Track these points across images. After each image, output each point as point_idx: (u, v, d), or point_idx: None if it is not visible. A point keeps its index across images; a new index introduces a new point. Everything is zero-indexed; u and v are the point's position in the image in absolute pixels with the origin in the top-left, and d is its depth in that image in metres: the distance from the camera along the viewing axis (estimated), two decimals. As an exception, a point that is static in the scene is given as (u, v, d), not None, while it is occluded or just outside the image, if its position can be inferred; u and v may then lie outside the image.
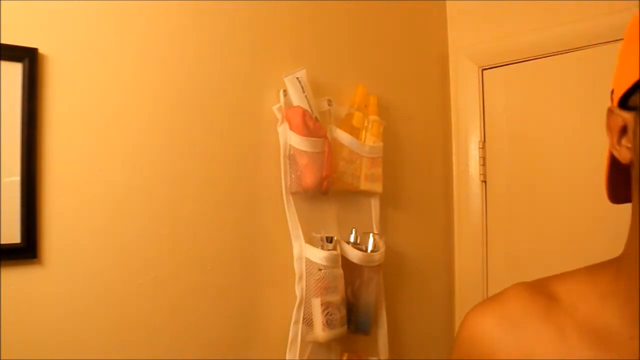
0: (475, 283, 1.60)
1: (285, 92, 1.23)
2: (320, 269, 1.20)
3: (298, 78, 1.22)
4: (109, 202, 1.03)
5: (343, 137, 1.32)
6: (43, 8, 0.96)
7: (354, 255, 1.28)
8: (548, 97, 1.47)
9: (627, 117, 0.52)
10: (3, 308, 0.90)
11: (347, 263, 1.27)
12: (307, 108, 1.22)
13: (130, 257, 1.05)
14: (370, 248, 1.31)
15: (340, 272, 1.23)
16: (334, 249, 1.24)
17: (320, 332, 1.18)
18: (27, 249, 0.93)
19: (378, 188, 1.38)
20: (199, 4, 1.16)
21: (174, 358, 1.08)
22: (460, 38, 1.67)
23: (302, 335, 1.21)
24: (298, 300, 1.21)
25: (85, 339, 0.99)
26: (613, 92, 0.55)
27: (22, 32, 0.94)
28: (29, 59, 0.93)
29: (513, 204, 1.55)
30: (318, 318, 1.18)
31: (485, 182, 1.61)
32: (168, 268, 1.09)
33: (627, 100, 0.52)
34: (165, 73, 1.11)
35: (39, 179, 0.95)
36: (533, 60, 1.49)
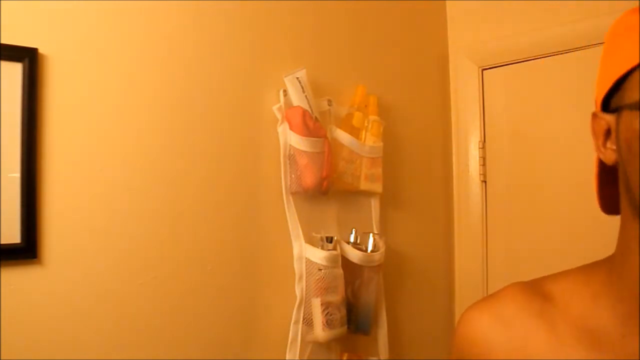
0: (475, 283, 1.60)
1: (285, 92, 1.23)
2: (320, 269, 1.20)
3: (298, 78, 1.22)
4: (109, 202, 1.03)
5: (343, 137, 1.32)
6: (43, 8, 0.96)
7: (354, 255, 1.28)
8: (548, 97, 1.47)
9: (609, 119, 0.53)
10: (3, 308, 0.90)
11: (347, 263, 1.27)
12: (307, 108, 1.22)
13: (130, 257, 1.05)
14: (370, 248, 1.31)
15: (340, 272, 1.23)
16: (334, 249, 1.24)
17: (320, 332, 1.18)
18: (27, 249, 0.93)
19: (378, 188, 1.38)
20: (199, 4, 1.16)
21: (174, 358, 1.08)
22: (460, 38, 1.67)
23: (302, 335, 1.21)
24: (298, 300, 1.21)
25: (85, 339, 0.99)
26: (596, 97, 0.55)
27: (22, 32, 0.94)
28: (29, 59, 0.93)
29: (513, 204, 1.55)
30: (318, 318, 1.18)
31: (485, 182, 1.61)
32: (168, 268, 1.09)
33: (609, 103, 0.53)
34: (165, 73, 1.11)
35: (39, 179, 0.95)
36: (533, 60, 1.49)
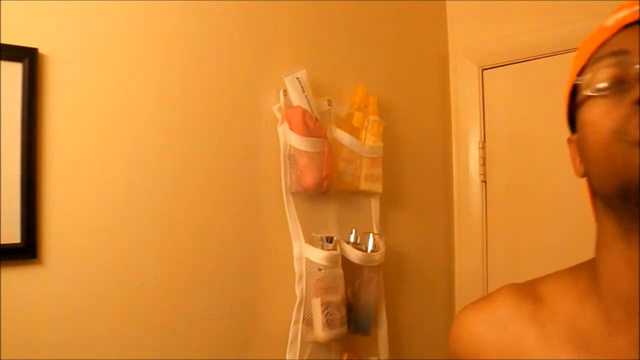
0: (475, 283, 1.60)
1: (285, 92, 1.23)
2: (320, 269, 1.20)
3: (298, 78, 1.22)
4: (109, 202, 1.03)
5: (343, 137, 1.32)
6: (43, 8, 0.96)
7: (354, 255, 1.28)
8: (548, 97, 1.47)
9: (574, 137, 0.56)
10: (3, 308, 0.90)
11: (347, 263, 1.27)
12: (307, 108, 1.22)
13: (130, 257, 1.05)
14: (370, 248, 1.31)
15: (340, 272, 1.23)
16: (334, 249, 1.24)
17: (320, 332, 1.18)
18: (27, 249, 0.93)
19: (378, 188, 1.38)
20: (199, 4, 1.16)
21: (174, 358, 1.08)
22: (460, 38, 1.67)
23: (302, 335, 1.21)
24: (298, 300, 1.21)
25: (85, 339, 0.99)
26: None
27: (22, 32, 0.94)
28: (29, 59, 0.93)
29: (513, 204, 1.55)
30: (318, 318, 1.18)
31: (485, 182, 1.61)
32: (168, 268, 1.09)
33: (573, 125, 0.57)
34: (165, 73, 1.11)
35: (39, 179, 0.95)
36: (533, 60, 1.49)
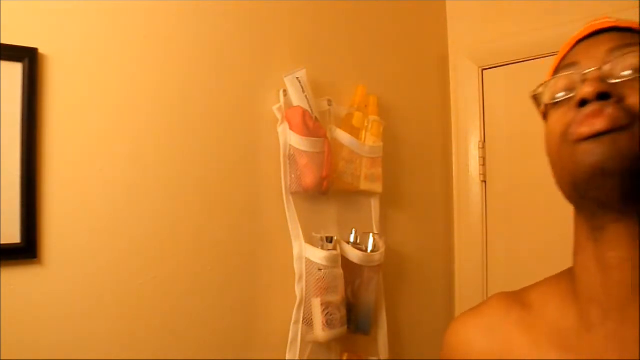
0: (475, 283, 1.60)
1: (285, 92, 1.23)
2: (320, 269, 1.20)
3: (298, 78, 1.22)
4: (109, 202, 1.03)
5: (343, 137, 1.32)
6: (43, 8, 0.96)
7: (354, 255, 1.28)
8: (548, 97, 1.47)
9: None
10: (3, 308, 0.90)
11: (347, 263, 1.27)
12: (307, 108, 1.22)
13: (130, 257, 1.05)
14: (370, 248, 1.31)
15: (340, 272, 1.23)
16: (334, 249, 1.24)
17: (320, 332, 1.18)
18: (27, 249, 0.93)
19: (378, 188, 1.38)
20: (199, 4, 1.16)
21: (174, 358, 1.08)
22: (460, 38, 1.67)
23: (302, 335, 1.21)
24: (298, 300, 1.21)
25: (85, 339, 0.99)
26: None
27: (22, 32, 0.94)
28: (29, 59, 0.93)
29: (513, 204, 1.55)
30: (318, 318, 1.18)
31: (485, 182, 1.61)
32: (168, 268, 1.09)
33: None
34: (165, 73, 1.11)
35: (39, 179, 0.95)
36: (533, 60, 1.49)
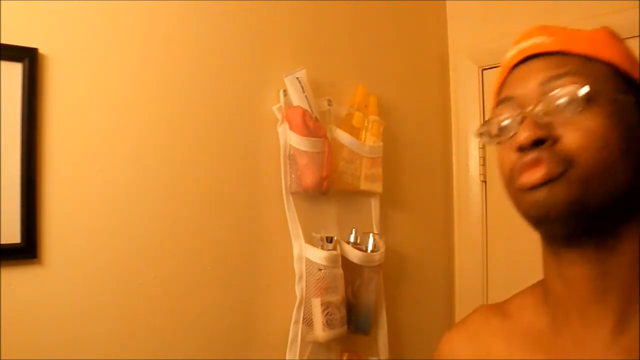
0: (475, 283, 1.60)
1: (285, 92, 1.23)
2: (320, 269, 1.20)
3: (298, 78, 1.22)
4: (109, 202, 1.03)
5: (343, 137, 1.32)
6: (43, 8, 0.96)
7: (354, 255, 1.28)
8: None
9: None
10: (3, 308, 0.90)
11: (347, 263, 1.27)
12: (307, 108, 1.22)
13: (130, 257, 1.05)
14: (370, 248, 1.31)
15: (340, 272, 1.23)
16: (334, 249, 1.24)
17: (320, 332, 1.18)
18: (27, 249, 0.93)
19: (378, 188, 1.38)
20: (199, 4, 1.16)
21: (174, 358, 1.08)
22: (460, 38, 1.67)
23: (302, 335, 1.21)
24: (298, 300, 1.21)
25: (85, 339, 0.99)
26: None
27: (22, 32, 0.94)
28: (29, 59, 0.93)
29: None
30: (318, 318, 1.18)
31: (485, 182, 1.61)
32: (168, 268, 1.09)
33: None
34: (165, 73, 1.11)
35: (39, 179, 0.95)
36: (533, 60, 1.49)
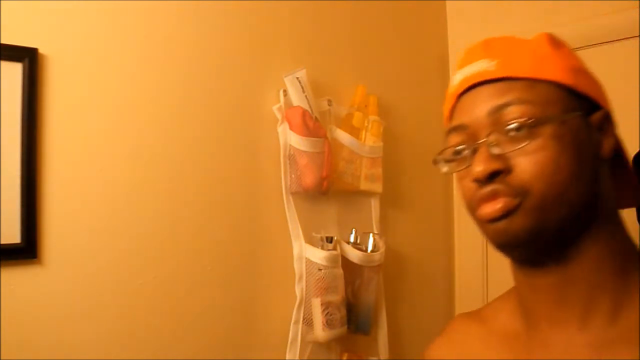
0: (475, 283, 1.60)
1: (285, 92, 1.23)
2: (320, 269, 1.20)
3: (298, 78, 1.22)
4: (109, 202, 1.03)
5: (343, 137, 1.32)
6: (43, 8, 0.96)
7: (354, 255, 1.28)
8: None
9: None
10: (3, 308, 0.90)
11: (347, 263, 1.27)
12: (307, 108, 1.22)
13: (130, 257, 1.05)
14: (370, 248, 1.31)
15: (340, 272, 1.23)
16: (334, 249, 1.24)
17: (320, 332, 1.18)
18: (27, 249, 0.93)
19: (378, 188, 1.38)
20: (199, 4, 1.16)
21: (174, 358, 1.08)
22: (460, 38, 1.66)
23: (302, 335, 1.21)
24: (298, 300, 1.21)
25: (85, 339, 0.99)
26: None
27: (22, 32, 0.94)
28: (29, 59, 0.93)
29: (513, 204, 1.54)
30: (318, 318, 1.18)
31: (485, 182, 1.60)
32: (168, 268, 1.09)
33: None
34: (165, 73, 1.11)
35: (39, 179, 0.95)
36: (533, 60, 1.49)
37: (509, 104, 0.56)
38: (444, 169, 0.64)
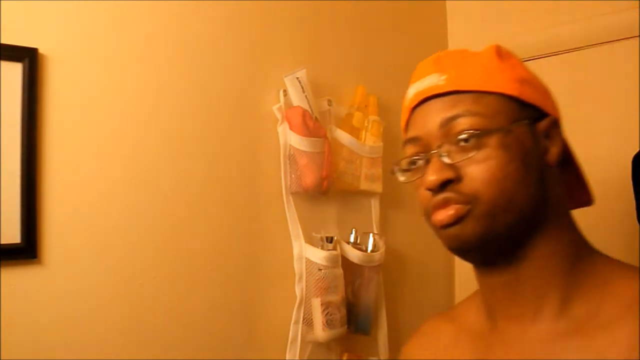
0: (475, 283, 1.59)
1: (285, 92, 1.23)
2: (320, 269, 1.20)
3: (298, 78, 1.22)
4: (109, 202, 1.03)
5: (343, 137, 1.32)
6: (43, 8, 0.96)
7: (354, 255, 1.28)
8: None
9: None
10: (3, 308, 0.90)
11: (347, 263, 1.27)
12: (307, 108, 1.22)
13: (130, 257, 1.05)
14: (370, 248, 1.31)
15: (340, 272, 1.23)
16: (334, 249, 1.24)
17: (320, 332, 1.18)
18: (27, 249, 0.93)
19: (378, 188, 1.38)
20: (199, 4, 1.16)
21: (174, 358, 1.08)
22: (460, 38, 1.66)
23: (302, 335, 1.21)
24: (298, 300, 1.21)
25: (86, 339, 0.99)
26: None
27: (22, 32, 0.94)
28: (29, 59, 0.93)
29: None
30: (318, 318, 1.18)
31: (485, 182, 1.60)
32: (168, 268, 1.09)
33: None
34: (165, 73, 1.11)
35: (39, 179, 0.95)
36: (533, 60, 1.49)
37: (458, 116, 0.60)
38: (401, 178, 0.68)
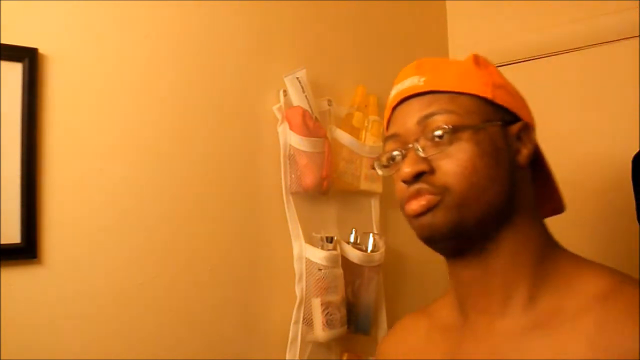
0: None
1: (285, 92, 1.23)
2: (320, 269, 1.20)
3: (298, 78, 1.22)
4: (109, 202, 1.03)
5: (343, 137, 1.32)
6: (43, 8, 0.96)
7: (354, 255, 1.28)
8: (547, 97, 1.47)
9: None
10: (3, 308, 0.90)
11: (347, 263, 1.27)
12: (307, 108, 1.22)
13: (131, 257, 1.04)
14: (370, 248, 1.31)
15: (340, 272, 1.23)
16: (334, 249, 1.24)
17: (320, 332, 1.18)
18: (27, 249, 0.92)
19: (378, 188, 1.38)
20: (199, 4, 1.16)
21: (174, 358, 1.08)
22: (460, 38, 1.67)
23: (302, 335, 1.21)
24: (298, 300, 1.21)
25: (86, 339, 0.98)
26: None
27: (22, 32, 0.94)
28: (29, 59, 0.93)
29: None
30: (318, 318, 1.18)
31: (485, 182, 1.60)
32: (168, 268, 1.09)
33: None
34: (166, 73, 1.11)
35: (39, 179, 0.95)
36: (533, 60, 1.49)
37: (434, 114, 0.64)
38: (380, 173, 0.72)
